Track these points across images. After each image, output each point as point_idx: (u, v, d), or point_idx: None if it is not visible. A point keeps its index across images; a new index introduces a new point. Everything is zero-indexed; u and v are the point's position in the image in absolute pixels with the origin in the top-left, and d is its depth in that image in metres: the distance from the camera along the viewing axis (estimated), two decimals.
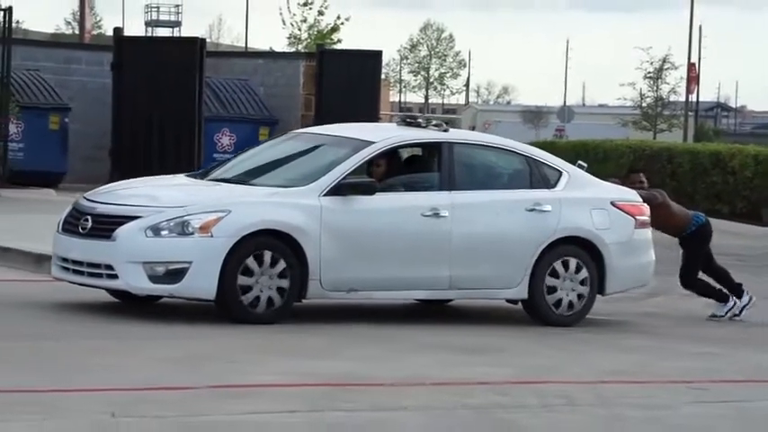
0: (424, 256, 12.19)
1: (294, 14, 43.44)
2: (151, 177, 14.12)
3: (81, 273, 11.67)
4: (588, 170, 13.61)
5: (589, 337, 12.86)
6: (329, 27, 42.63)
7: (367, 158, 12.20)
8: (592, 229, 12.82)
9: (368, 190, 11.96)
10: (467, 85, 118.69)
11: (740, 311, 14.38)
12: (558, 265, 12.73)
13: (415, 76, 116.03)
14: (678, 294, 15.42)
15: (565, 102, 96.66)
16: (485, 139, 13.48)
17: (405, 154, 12.95)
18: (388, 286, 12.18)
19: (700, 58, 75.20)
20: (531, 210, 12.62)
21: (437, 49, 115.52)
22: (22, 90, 25.16)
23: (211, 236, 11.38)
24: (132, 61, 25.20)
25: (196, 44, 26.04)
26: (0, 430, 7.95)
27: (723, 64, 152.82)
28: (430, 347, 11.57)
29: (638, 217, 13.19)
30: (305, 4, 42.87)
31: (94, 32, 78.12)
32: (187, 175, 13.23)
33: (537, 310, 12.83)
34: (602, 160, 32.28)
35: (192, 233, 11.39)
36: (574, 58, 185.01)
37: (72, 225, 11.77)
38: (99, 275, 11.55)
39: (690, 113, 71.45)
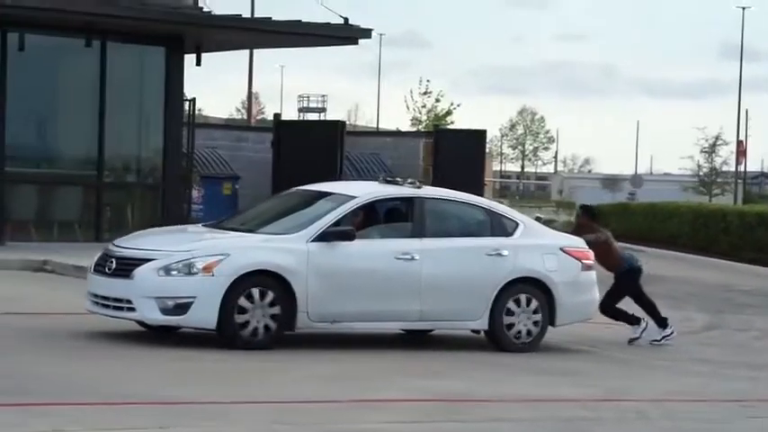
0: (397, 292, 11.82)
1: (416, 101, 43.72)
2: (172, 227, 13.97)
3: (107, 306, 11.43)
4: (656, 227, 13.37)
5: (658, 364, 12.66)
6: (444, 111, 42.77)
7: (349, 210, 11.88)
8: (543, 270, 12.40)
9: (348, 236, 11.64)
10: (555, 156, 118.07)
11: (661, 338, 13.81)
12: (514, 301, 12.30)
13: (513, 149, 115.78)
14: (731, 328, 15.13)
15: (636, 170, 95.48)
16: (453, 195, 12.92)
17: (383, 207, 12.39)
18: (367, 318, 11.82)
19: (747, 136, 73.92)
20: (491, 254, 12.28)
21: (531, 128, 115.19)
22: (203, 163, 25.61)
23: (213, 275, 11.14)
24: (288, 139, 25.49)
25: (338, 126, 26.28)
26: None
27: (766, 140, 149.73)
28: (527, 371, 11.48)
29: (584, 261, 12.81)
30: (425, 93, 43.13)
31: (259, 117, 79.27)
32: (204, 225, 13.12)
33: (496, 339, 12.34)
34: (667, 218, 31.80)
35: (197, 273, 11.14)
36: (643, 135, 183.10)
37: (101, 266, 11.56)
38: (121, 308, 11.31)
39: (739, 181, 70.24)
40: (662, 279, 22.51)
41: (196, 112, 23.94)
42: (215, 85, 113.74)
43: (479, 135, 27.67)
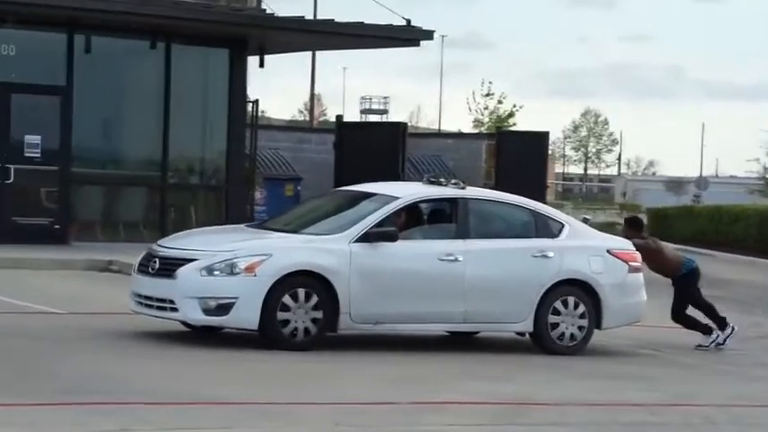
0: (441, 294, 11.73)
1: (478, 103, 43.60)
2: (215, 227, 14.02)
3: (151, 306, 11.40)
4: (722, 230, 13.19)
5: (725, 369, 12.51)
6: (506, 113, 42.60)
7: (392, 211, 11.78)
8: (589, 272, 12.26)
9: (391, 237, 11.55)
10: (619, 159, 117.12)
11: (724, 341, 13.66)
12: (560, 303, 12.16)
13: (576, 151, 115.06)
14: None
15: (701, 173, 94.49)
16: (497, 195, 12.86)
17: (426, 207, 12.29)
18: (410, 320, 11.74)
19: None
20: (536, 256, 12.16)
21: (595, 130, 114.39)
22: (266, 165, 25.74)
23: (255, 275, 11.09)
24: (350, 141, 25.54)
25: (399, 127, 26.26)
26: None
27: None
28: (589, 375, 11.37)
29: (630, 263, 12.61)
30: (487, 95, 43.01)
31: (321, 119, 79.56)
32: (247, 225, 13.11)
33: (541, 342, 12.22)
34: (734, 221, 31.41)
35: (239, 273, 11.09)
36: (709, 137, 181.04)
37: (144, 266, 11.55)
38: (164, 308, 11.28)
39: None
40: (728, 283, 22.23)
41: (259, 113, 24.08)
42: (278, 86, 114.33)
43: (542, 137, 27.52)
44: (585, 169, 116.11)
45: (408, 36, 21.79)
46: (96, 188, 20.59)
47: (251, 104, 22.47)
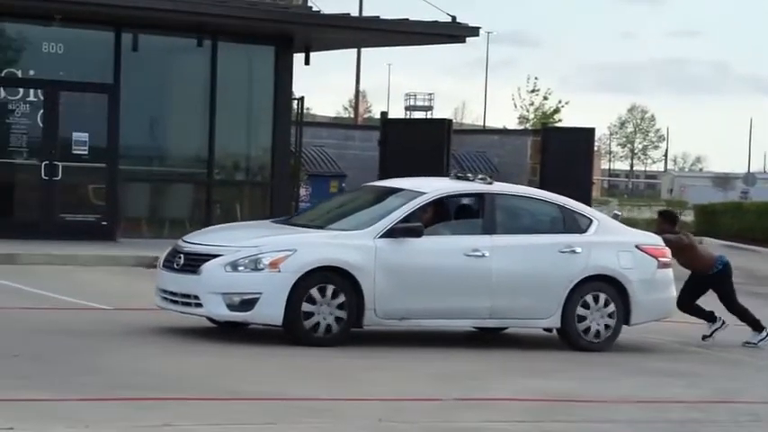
0: (467, 289, 11.60)
1: (524, 99, 43.45)
2: (242, 223, 13.83)
3: (176, 302, 11.36)
4: None
5: None
6: (552, 109, 42.42)
7: (418, 207, 11.69)
8: (617, 268, 12.10)
9: (416, 233, 11.45)
10: (665, 155, 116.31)
11: (757, 342, 13.32)
12: (588, 299, 12.02)
13: (622, 147, 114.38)
14: None
15: (749, 169, 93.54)
16: (524, 191, 12.70)
17: (453, 203, 12.20)
18: (436, 315, 11.61)
19: None
20: (564, 251, 11.99)
21: (641, 126, 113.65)
22: (310, 161, 25.80)
23: (279, 271, 11.00)
24: (394, 138, 25.47)
25: (444, 124, 26.17)
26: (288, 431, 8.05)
27: None
28: (635, 371, 11.27)
29: (660, 258, 12.43)
30: (532, 91, 42.85)
31: (366, 116, 79.61)
32: (272, 221, 13.03)
33: (569, 337, 12.05)
34: None
35: (263, 269, 11.01)
36: (757, 133, 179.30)
37: (170, 262, 11.50)
38: (189, 304, 11.23)
39: None
40: None
41: (304, 110, 24.11)
42: (323, 83, 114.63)
43: (588, 133, 27.32)
44: (632, 166, 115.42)
45: (454, 33, 21.72)
46: (143, 185, 20.72)
47: (296, 101, 22.51)
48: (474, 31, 21.72)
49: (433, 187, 12.13)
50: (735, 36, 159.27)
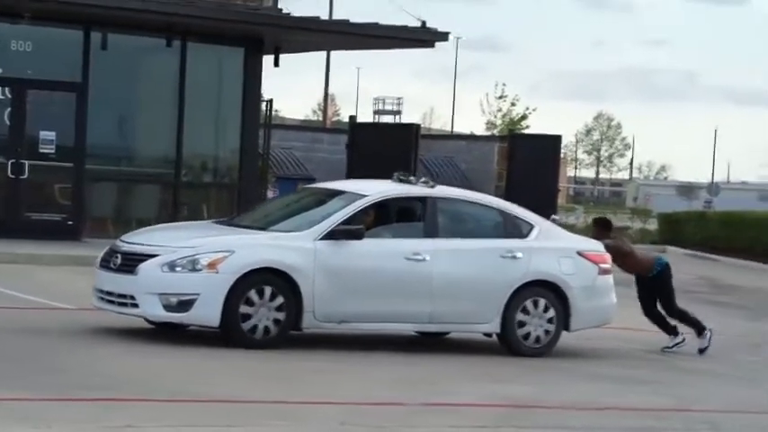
0: (407, 293, 11.54)
1: (491, 105, 43.57)
2: (183, 223, 13.77)
3: (113, 302, 11.26)
4: (733, 236, 13.03)
5: (732, 374, 12.45)
6: (519, 116, 42.52)
7: (359, 209, 11.60)
8: (558, 274, 12.07)
9: (356, 235, 11.36)
10: (631, 163, 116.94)
11: (672, 346, 13.48)
12: (528, 304, 11.99)
13: (588, 155, 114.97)
14: None
15: (713, 178, 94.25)
16: (466, 195, 12.52)
17: (395, 206, 12.05)
18: (375, 319, 11.53)
19: None
20: (505, 256, 11.95)
21: (607, 134, 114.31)
22: (278, 164, 25.77)
23: (217, 272, 10.90)
24: (362, 142, 25.56)
25: (412, 129, 26.28)
26: None
27: None
28: (595, 378, 11.35)
29: (601, 265, 12.39)
30: (500, 98, 42.92)
31: (334, 119, 79.54)
32: (215, 221, 12.99)
33: (508, 343, 12.05)
34: (745, 228, 31.28)
35: (201, 269, 10.91)
36: (721, 143, 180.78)
37: (107, 262, 11.40)
38: (125, 304, 11.12)
39: None
40: (738, 289, 22.18)
41: (273, 112, 24.10)
42: (292, 86, 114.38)
43: (554, 140, 27.50)
44: (597, 173, 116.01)
45: (423, 37, 21.79)
46: (110, 185, 20.64)
47: (265, 103, 22.51)
48: (443, 36, 21.81)
49: (375, 190, 12.03)
50: (703, 46, 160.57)
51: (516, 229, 12.23)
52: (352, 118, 28.24)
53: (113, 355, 10.39)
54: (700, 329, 13.65)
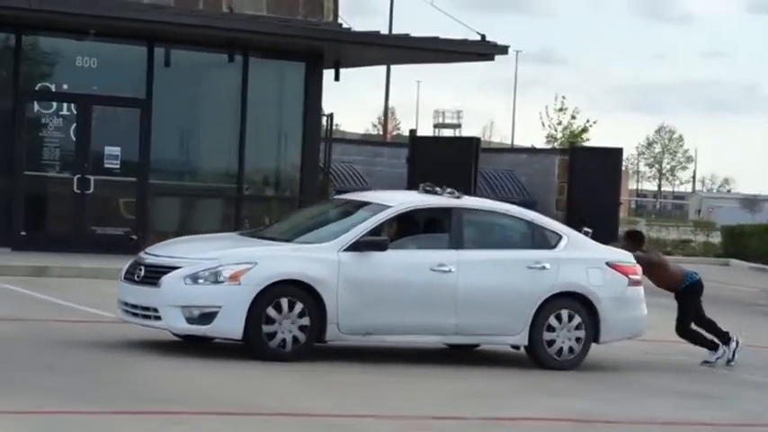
0: (432, 305, 11.37)
1: (551, 118, 43.35)
2: (207, 235, 13.91)
3: (136, 314, 11.16)
4: None
5: None
6: (580, 128, 42.27)
7: (384, 220, 11.48)
8: (587, 285, 11.86)
9: (381, 246, 11.22)
10: (693, 176, 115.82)
11: (732, 355, 13.25)
12: (556, 316, 11.78)
13: (650, 168, 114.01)
14: None
15: None
16: (493, 206, 12.37)
17: (420, 217, 11.90)
18: (400, 331, 11.36)
19: None
20: (532, 267, 11.76)
21: (669, 147, 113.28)
22: (339, 178, 25.83)
23: (240, 284, 10.78)
24: (422, 155, 25.54)
25: (473, 142, 26.23)
26: None
27: None
28: (660, 392, 11.20)
29: (630, 276, 12.15)
30: (560, 110, 42.72)
31: (395, 133, 79.68)
32: (240, 233, 12.89)
33: (536, 355, 11.85)
34: None
35: (223, 281, 10.79)
36: None
37: (131, 274, 11.31)
38: (148, 317, 11.03)
39: None
40: None
41: (333, 127, 24.17)
42: (352, 100, 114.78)
43: (615, 153, 27.30)
44: (660, 186, 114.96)
45: (483, 51, 21.73)
46: (173, 199, 20.81)
47: (326, 118, 22.57)
48: (503, 50, 21.74)
49: (400, 201, 11.89)
50: (763, 57, 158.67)
51: (544, 240, 12.08)
52: (413, 131, 28.23)
53: (174, 367, 10.43)
54: (711, 347, 13.36)
